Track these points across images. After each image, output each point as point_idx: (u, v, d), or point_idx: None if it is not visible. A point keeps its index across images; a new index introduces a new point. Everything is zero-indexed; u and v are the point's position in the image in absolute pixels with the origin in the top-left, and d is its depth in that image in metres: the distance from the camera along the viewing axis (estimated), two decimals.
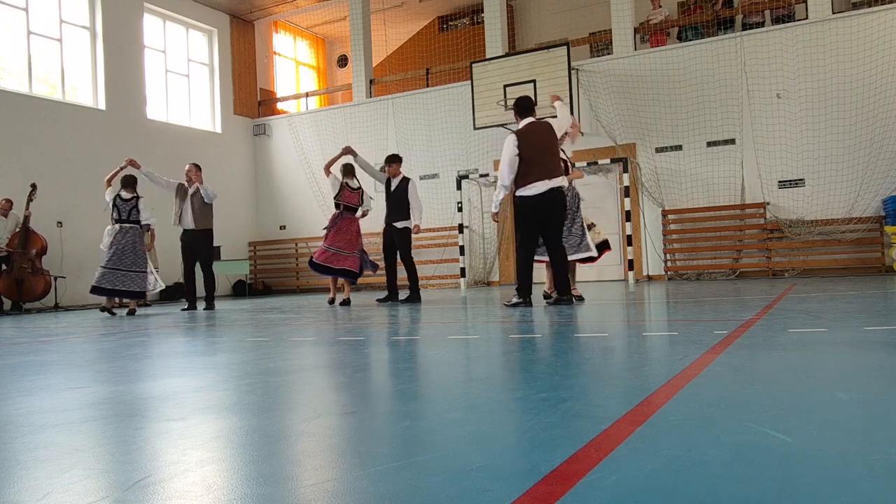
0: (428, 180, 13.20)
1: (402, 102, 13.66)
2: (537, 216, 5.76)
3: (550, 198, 5.71)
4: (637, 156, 11.48)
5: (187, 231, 8.41)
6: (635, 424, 1.57)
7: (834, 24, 10.26)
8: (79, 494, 1.26)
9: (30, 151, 10.94)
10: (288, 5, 15.10)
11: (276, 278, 15.03)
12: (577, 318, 4.60)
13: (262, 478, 1.31)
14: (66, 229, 11.28)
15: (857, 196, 10.09)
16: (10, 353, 4.01)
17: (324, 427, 1.76)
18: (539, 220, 5.77)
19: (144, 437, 1.72)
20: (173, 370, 3.00)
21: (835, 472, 1.19)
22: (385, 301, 7.94)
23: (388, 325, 4.90)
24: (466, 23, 15.50)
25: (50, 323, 7.11)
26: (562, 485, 1.18)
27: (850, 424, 1.52)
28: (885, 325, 3.44)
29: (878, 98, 9.97)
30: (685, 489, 1.13)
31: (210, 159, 14.00)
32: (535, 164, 5.71)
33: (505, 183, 5.81)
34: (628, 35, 11.68)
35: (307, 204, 14.61)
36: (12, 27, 11.03)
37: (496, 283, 12.61)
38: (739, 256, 10.96)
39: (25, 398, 2.36)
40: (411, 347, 3.46)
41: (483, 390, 2.19)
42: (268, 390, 2.33)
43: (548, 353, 3.00)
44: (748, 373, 2.23)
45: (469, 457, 1.38)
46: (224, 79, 14.78)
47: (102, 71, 12.17)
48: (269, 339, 4.21)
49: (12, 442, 1.71)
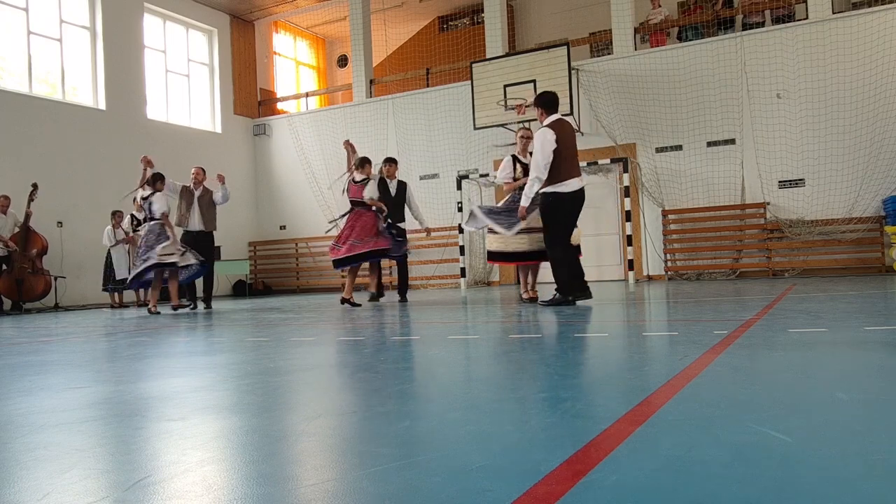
0: (428, 180, 13.20)
1: (402, 102, 13.66)
2: (570, 213, 5.80)
3: (581, 196, 5.80)
4: (637, 156, 11.48)
5: (190, 232, 8.45)
6: (635, 424, 1.57)
7: (834, 24, 10.26)
8: (79, 494, 1.26)
9: (30, 151, 10.94)
10: (288, 5, 15.10)
11: (276, 278, 15.04)
12: (576, 318, 4.60)
13: (262, 478, 1.31)
14: (66, 229, 11.28)
15: (857, 196, 10.09)
16: (10, 353, 4.01)
17: (324, 427, 1.76)
18: (571, 217, 5.80)
19: (144, 437, 1.72)
20: (173, 370, 3.00)
21: (835, 472, 1.19)
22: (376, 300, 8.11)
23: (388, 326, 4.90)
24: (466, 23, 15.51)
25: (50, 323, 7.11)
26: (562, 485, 1.18)
27: (850, 424, 1.52)
28: (885, 325, 3.43)
29: (878, 98, 9.97)
30: (685, 489, 1.13)
31: (210, 159, 13.99)
32: (568, 161, 5.74)
33: (542, 176, 5.68)
34: (628, 35, 11.68)
35: (307, 204, 14.61)
36: (12, 27, 11.04)
37: (496, 283, 12.61)
38: (739, 256, 10.96)
39: (25, 398, 2.36)
40: (411, 347, 3.46)
41: (483, 390, 2.19)
42: (268, 390, 2.33)
43: (548, 353, 3.00)
44: (748, 373, 2.23)
45: (469, 457, 1.38)
46: (224, 79, 14.79)
47: (102, 71, 12.17)
48: (269, 339, 4.21)
49: (12, 442, 1.71)
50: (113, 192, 11.96)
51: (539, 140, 5.69)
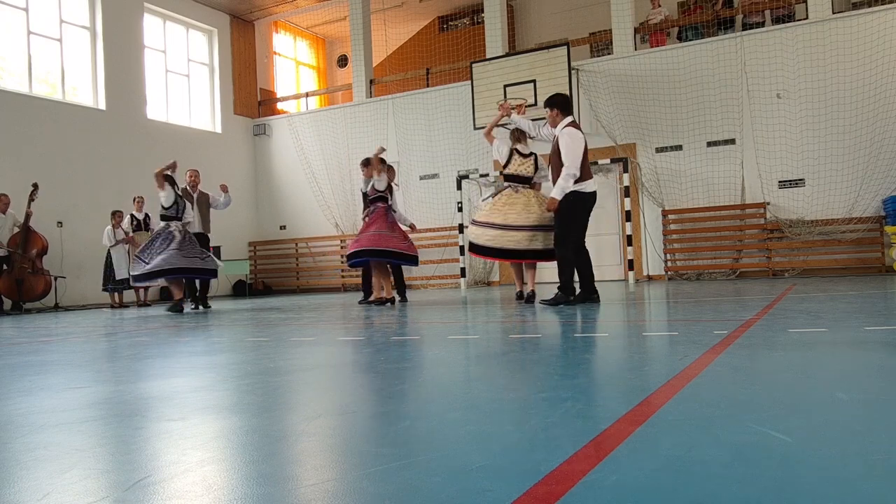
0: (428, 180, 13.21)
1: (402, 102, 13.66)
2: (587, 213, 5.87)
3: (595, 198, 5.91)
4: (637, 156, 11.48)
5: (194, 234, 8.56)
6: (635, 424, 1.57)
7: (834, 24, 10.26)
8: (79, 494, 1.26)
9: (30, 151, 10.94)
10: (288, 5, 15.10)
11: (276, 278, 15.04)
12: (576, 318, 4.60)
13: (262, 478, 1.31)
14: (66, 229, 11.28)
15: (857, 196, 10.09)
16: (10, 353, 4.01)
17: (324, 427, 1.76)
18: (587, 217, 5.88)
19: (144, 437, 1.72)
20: (173, 370, 3.00)
21: (835, 472, 1.19)
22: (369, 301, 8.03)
23: (388, 326, 4.90)
24: (466, 23, 15.51)
25: (50, 323, 7.11)
26: (562, 485, 1.18)
27: (850, 424, 1.52)
28: (885, 325, 3.43)
29: (878, 98, 9.97)
30: (685, 489, 1.13)
31: (210, 159, 14.01)
32: (587, 163, 5.82)
33: (578, 173, 5.69)
34: (628, 35, 11.68)
35: (307, 204, 14.61)
36: (12, 27, 11.04)
37: (496, 283, 12.60)
38: (739, 256, 10.96)
39: (25, 398, 2.36)
40: (411, 347, 3.45)
41: (483, 390, 2.19)
42: (268, 390, 2.33)
43: (548, 353, 3.00)
44: (748, 373, 2.23)
45: (469, 457, 1.38)
46: (224, 79, 14.79)
47: (102, 71, 12.17)
48: (269, 339, 4.21)
49: (12, 442, 1.71)
50: (113, 191, 11.98)
51: (571, 137, 5.71)
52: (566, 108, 5.93)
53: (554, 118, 5.92)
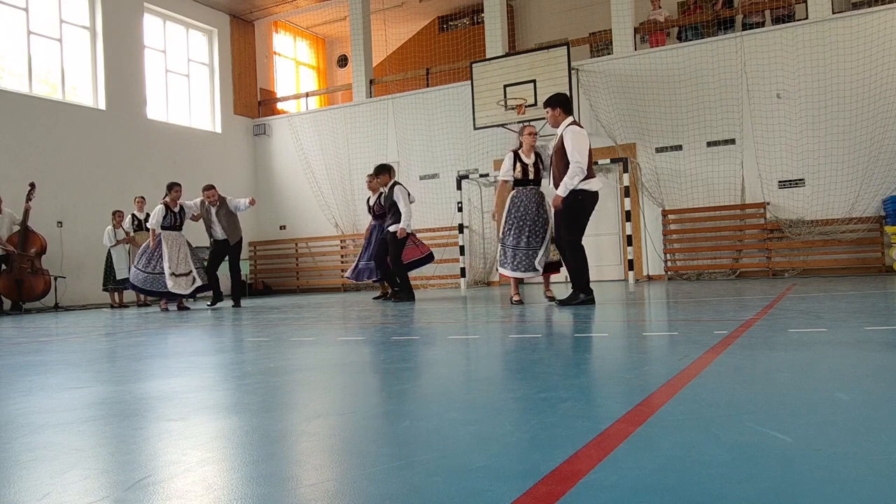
0: (428, 180, 13.20)
1: (402, 102, 13.66)
2: (590, 212, 5.82)
3: (598, 197, 5.86)
4: (637, 156, 11.48)
5: (219, 241, 8.98)
6: (635, 424, 1.57)
7: (834, 24, 10.26)
8: (79, 494, 1.26)
9: (30, 151, 10.93)
10: (288, 5, 15.10)
11: (276, 278, 15.03)
12: (576, 319, 4.60)
13: (262, 478, 1.31)
14: (66, 229, 11.28)
15: (857, 196, 10.09)
16: (10, 353, 4.01)
17: (324, 427, 1.76)
18: (589, 216, 5.84)
19: (144, 437, 1.72)
20: (173, 370, 3.00)
21: (835, 472, 1.19)
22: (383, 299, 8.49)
23: (388, 325, 4.90)
24: (466, 23, 15.50)
25: (50, 323, 7.11)
26: (562, 485, 1.18)
27: (850, 424, 1.52)
28: (885, 325, 3.43)
29: (878, 98, 9.97)
30: (685, 489, 1.13)
31: (210, 159, 14.02)
32: (591, 163, 5.78)
33: (585, 168, 5.62)
34: (628, 35, 11.68)
35: (307, 204, 14.61)
36: (12, 27, 11.03)
37: (496, 283, 12.60)
38: (739, 256, 10.96)
39: (25, 398, 2.36)
40: (411, 347, 3.45)
41: (483, 390, 2.19)
42: (268, 390, 2.33)
43: (548, 353, 3.00)
44: (748, 373, 2.23)
45: (469, 457, 1.38)
46: (224, 79, 14.78)
47: (102, 71, 12.17)
48: (269, 339, 4.21)
49: (12, 442, 1.71)
50: (113, 192, 11.98)
51: (576, 135, 5.66)
52: (567, 108, 5.90)
53: (556, 118, 5.89)
